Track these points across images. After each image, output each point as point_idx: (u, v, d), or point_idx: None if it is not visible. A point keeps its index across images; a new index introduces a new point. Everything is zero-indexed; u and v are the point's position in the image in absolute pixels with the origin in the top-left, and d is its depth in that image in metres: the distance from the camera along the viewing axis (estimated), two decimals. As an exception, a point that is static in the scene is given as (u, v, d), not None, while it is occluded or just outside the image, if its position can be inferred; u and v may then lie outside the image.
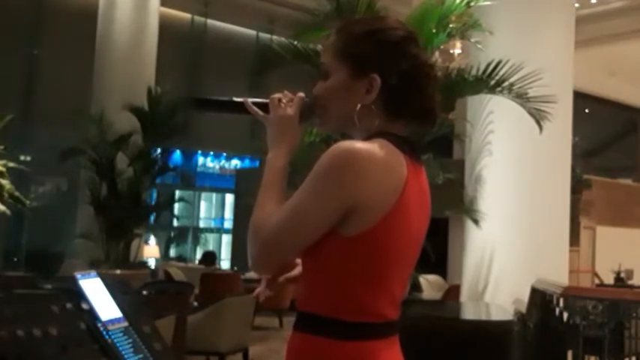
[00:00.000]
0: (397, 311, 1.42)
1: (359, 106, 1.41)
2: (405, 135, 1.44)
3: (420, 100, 1.43)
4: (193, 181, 16.11)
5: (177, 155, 14.20)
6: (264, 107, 1.51)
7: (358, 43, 1.43)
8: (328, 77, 1.46)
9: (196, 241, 15.99)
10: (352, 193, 1.31)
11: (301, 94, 1.51)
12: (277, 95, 1.51)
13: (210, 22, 15.36)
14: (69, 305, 1.61)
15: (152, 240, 13.10)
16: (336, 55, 1.45)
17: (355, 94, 1.42)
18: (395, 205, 1.33)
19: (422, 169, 1.45)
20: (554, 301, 4.87)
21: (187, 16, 15.21)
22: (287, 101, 1.50)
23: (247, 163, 16.17)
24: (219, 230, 16.85)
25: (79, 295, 1.63)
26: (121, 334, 1.62)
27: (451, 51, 10.45)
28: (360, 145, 1.34)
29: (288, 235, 1.35)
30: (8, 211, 8.35)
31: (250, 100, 1.52)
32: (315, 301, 1.38)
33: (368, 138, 1.39)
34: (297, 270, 1.53)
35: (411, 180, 1.37)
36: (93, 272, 1.72)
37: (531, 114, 5.25)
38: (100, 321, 1.61)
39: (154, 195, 12.17)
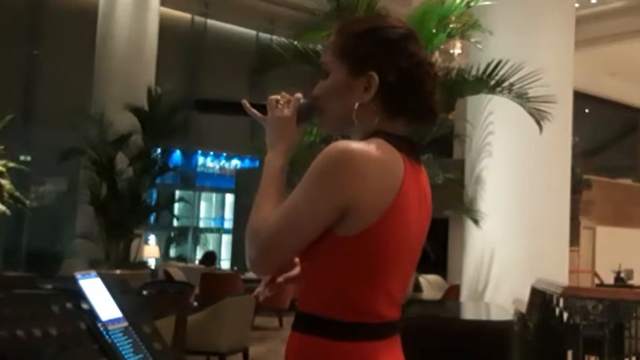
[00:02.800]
0: (397, 311, 1.41)
1: (357, 104, 1.40)
2: (403, 134, 1.43)
3: (419, 98, 1.42)
4: (193, 181, 16.10)
5: (177, 155, 14.19)
6: (262, 109, 1.52)
7: (357, 42, 1.42)
8: (328, 77, 1.46)
9: (196, 241, 15.99)
10: (348, 193, 1.30)
11: (298, 95, 1.51)
12: (274, 97, 1.51)
13: (210, 22, 15.36)
14: (69, 305, 1.61)
15: (152, 240, 13.10)
16: (335, 54, 1.45)
17: (353, 92, 1.41)
18: (392, 205, 1.32)
19: (421, 169, 1.44)
20: (554, 301, 4.87)
21: (187, 16, 15.21)
22: (284, 102, 1.50)
23: (247, 163, 16.16)
24: (219, 230, 16.84)
25: (79, 295, 1.63)
26: (121, 334, 1.62)
27: (451, 51, 10.47)
28: (355, 144, 1.33)
29: (285, 237, 1.35)
30: (8, 211, 8.35)
31: (248, 102, 1.52)
32: (313, 301, 1.38)
33: (365, 137, 1.38)
34: (297, 270, 1.53)
35: (409, 179, 1.36)
36: (93, 272, 1.72)
37: (531, 114, 5.25)
38: (100, 321, 1.61)
39: (154, 195, 12.17)
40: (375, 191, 1.31)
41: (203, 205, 16.90)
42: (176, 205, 14.12)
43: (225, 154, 16.47)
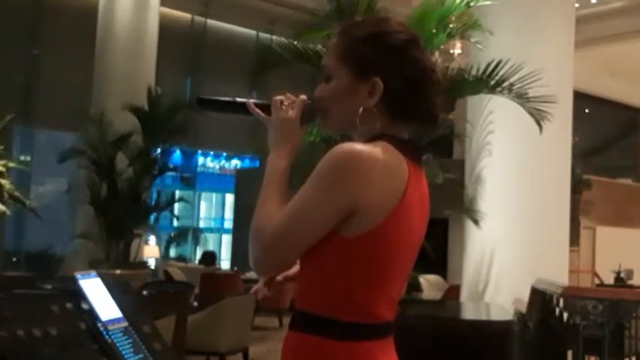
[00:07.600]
0: (393, 312, 1.42)
1: (361, 109, 1.41)
2: (406, 138, 1.44)
3: (423, 104, 1.43)
4: (193, 181, 16.10)
5: (177, 155, 14.19)
6: (266, 109, 1.51)
7: (361, 46, 1.42)
8: (330, 79, 1.45)
9: (196, 241, 15.98)
10: (353, 195, 1.30)
11: (303, 97, 1.50)
12: (279, 97, 1.51)
13: (210, 22, 15.34)
14: (69, 305, 1.61)
15: (152, 240, 13.09)
16: (338, 57, 1.45)
17: (357, 96, 1.41)
18: (396, 208, 1.33)
19: (422, 172, 1.45)
20: (554, 301, 4.87)
21: (187, 16, 15.20)
22: (289, 103, 1.49)
23: (247, 163, 16.17)
24: (219, 230, 16.85)
25: (79, 295, 1.63)
26: (121, 334, 1.62)
27: (451, 51, 10.45)
28: (361, 147, 1.33)
29: (289, 238, 1.34)
30: (8, 211, 8.35)
31: (253, 101, 1.52)
32: (312, 300, 1.38)
33: (369, 140, 1.38)
34: (296, 268, 1.52)
35: (412, 183, 1.37)
36: (93, 272, 1.72)
37: (531, 114, 5.25)
38: (100, 321, 1.61)
39: (154, 195, 12.18)
40: (380, 193, 1.32)
41: (203, 205, 16.91)
42: (176, 206, 14.11)
43: (225, 154, 16.47)
